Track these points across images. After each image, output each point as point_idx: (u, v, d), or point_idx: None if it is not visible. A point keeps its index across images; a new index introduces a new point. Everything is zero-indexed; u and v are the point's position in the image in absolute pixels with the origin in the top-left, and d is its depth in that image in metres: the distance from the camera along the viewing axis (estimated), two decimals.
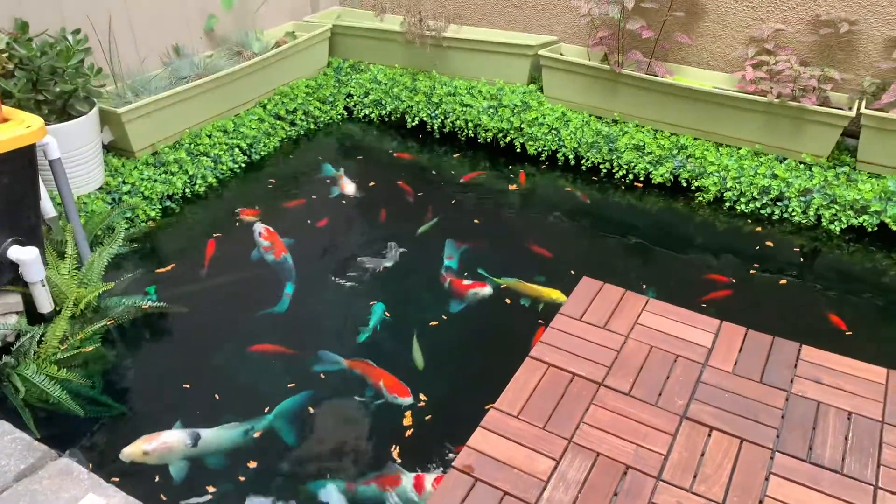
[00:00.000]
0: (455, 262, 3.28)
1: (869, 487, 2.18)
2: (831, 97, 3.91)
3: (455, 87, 4.61)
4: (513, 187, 4.15)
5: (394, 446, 2.49)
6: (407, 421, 2.58)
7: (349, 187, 4.07)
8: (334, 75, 5.04)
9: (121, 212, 3.56)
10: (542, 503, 2.10)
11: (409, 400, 2.67)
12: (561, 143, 4.28)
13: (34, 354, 2.72)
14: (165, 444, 2.47)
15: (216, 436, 2.53)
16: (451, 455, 2.42)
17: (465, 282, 3.27)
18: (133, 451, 2.44)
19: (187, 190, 3.93)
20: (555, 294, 3.18)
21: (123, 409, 2.66)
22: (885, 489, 2.18)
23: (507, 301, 3.20)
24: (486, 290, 3.23)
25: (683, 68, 4.34)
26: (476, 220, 3.84)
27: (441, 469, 2.40)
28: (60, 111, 3.42)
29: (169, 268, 3.39)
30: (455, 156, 4.49)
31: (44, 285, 2.85)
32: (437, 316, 3.11)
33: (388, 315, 3.11)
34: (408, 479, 2.35)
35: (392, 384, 2.72)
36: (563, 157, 4.30)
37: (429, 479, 2.35)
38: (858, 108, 3.72)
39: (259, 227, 3.67)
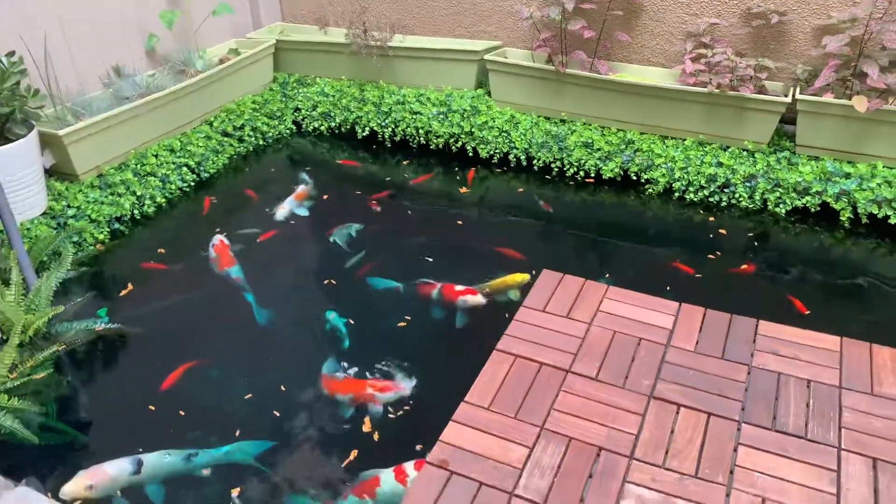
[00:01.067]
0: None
1: (832, 449, 2.24)
2: (767, 86, 4.05)
3: (404, 95, 4.63)
4: (464, 190, 4.18)
5: (355, 452, 2.44)
6: (367, 427, 2.54)
7: (284, 208, 3.96)
8: (280, 90, 5.01)
9: (67, 236, 3.45)
10: (520, 490, 2.10)
11: (405, 391, 2.65)
12: (512, 144, 4.32)
13: None
14: (107, 474, 2.36)
15: (159, 462, 2.42)
16: (419, 446, 2.41)
17: (458, 287, 3.22)
18: (74, 488, 2.30)
19: (136, 211, 3.84)
20: (520, 277, 3.22)
21: (80, 435, 2.56)
22: (848, 450, 2.24)
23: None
24: (477, 299, 3.14)
25: (626, 66, 4.45)
26: (432, 228, 3.84)
27: (421, 454, 2.37)
28: None
29: (128, 289, 3.30)
30: (405, 162, 4.50)
31: None
32: (402, 318, 3.09)
33: (352, 322, 3.08)
34: (387, 474, 2.30)
35: (382, 386, 2.68)
36: (514, 159, 4.34)
37: (409, 466, 2.32)
38: (794, 95, 3.87)
39: (215, 239, 3.62)
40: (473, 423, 2.33)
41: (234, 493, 2.30)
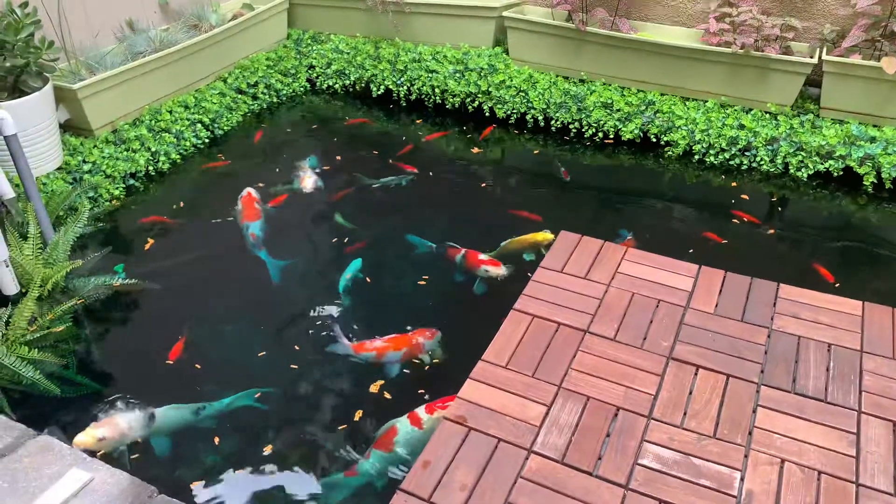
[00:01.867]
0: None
1: (853, 413, 2.23)
2: (792, 47, 3.95)
3: (420, 53, 4.55)
4: (476, 150, 4.12)
5: (360, 412, 2.45)
6: (374, 388, 2.54)
7: (308, 181, 3.81)
8: (294, 47, 4.93)
9: (83, 191, 3.44)
10: (538, 447, 2.10)
11: (439, 335, 2.72)
12: (529, 104, 4.26)
13: (2, 336, 2.62)
14: (119, 427, 2.38)
15: (168, 415, 2.44)
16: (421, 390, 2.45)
17: (481, 256, 3.15)
18: (86, 438, 2.33)
19: (150, 167, 3.82)
20: (541, 237, 3.22)
21: (100, 387, 2.58)
22: (868, 413, 2.23)
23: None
24: (499, 270, 3.07)
25: (647, 25, 4.35)
26: (451, 189, 3.81)
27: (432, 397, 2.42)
28: (12, 88, 3.28)
29: (149, 244, 3.31)
30: (418, 121, 4.45)
31: (7, 266, 2.75)
32: (421, 276, 3.09)
33: (369, 280, 3.07)
34: (402, 422, 2.33)
35: (421, 332, 2.73)
36: (532, 119, 4.28)
37: (421, 410, 2.36)
38: (820, 56, 3.77)
39: (245, 191, 3.63)
40: (491, 380, 2.33)
41: (266, 450, 2.32)
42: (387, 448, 2.28)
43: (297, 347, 2.74)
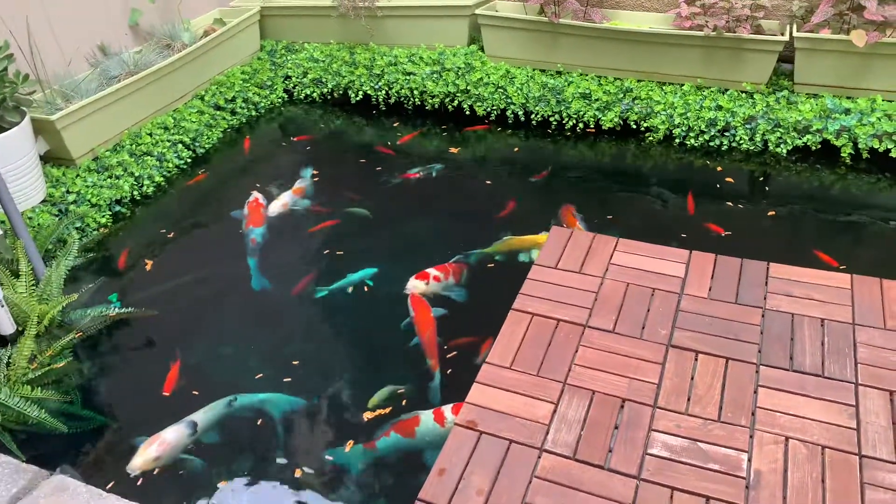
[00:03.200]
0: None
1: (850, 385, 2.29)
2: (763, 25, 4.00)
3: (395, 56, 4.55)
4: (454, 150, 4.15)
5: (350, 443, 2.47)
6: (369, 415, 2.51)
7: (297, 193, 3.79)
8: (269, 58, 4.92)
9: (70, 222, 3.42)
10: (549, 445, 2.14)
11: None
12: (509, 100, 4.28)
13: (4, 377, 2.61)
14: (167, 442, 2.42)
15: (206, 416, 2.53)
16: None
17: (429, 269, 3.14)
18: (142, 461, 2.37)
19: (135, 192, 3.80)
20: (541, 238, 3.24)
21: (106, 420, 2.58)
22: (865, 384, 2.29)
23: (490, 266, 3.19)
24: (419, 285, 3.05)
25: (619, 13, 4.38)
26: (436, 189, 3.83)
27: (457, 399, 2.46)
28: None
29: (147, 267, 3.32)
30: (395, 124, 4.46)
31: (2, 306, 2.74)
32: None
33: (366, 289, 3.10)
34: (426, 415, 2.41)
35: (423, 310, 2.90)
36: (512, 115, 4.30)
37: (447, 409, 2.42)
38: (790, 33, 3.82)
39: (252, 196, 3.72)
40: (497, 382, 2.36)
41: (297, 473, 2.32)
42: (406, 433, 2.37)
43: (295, 363, 2.75)
